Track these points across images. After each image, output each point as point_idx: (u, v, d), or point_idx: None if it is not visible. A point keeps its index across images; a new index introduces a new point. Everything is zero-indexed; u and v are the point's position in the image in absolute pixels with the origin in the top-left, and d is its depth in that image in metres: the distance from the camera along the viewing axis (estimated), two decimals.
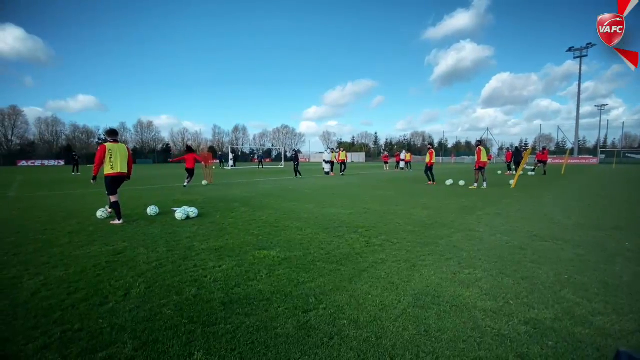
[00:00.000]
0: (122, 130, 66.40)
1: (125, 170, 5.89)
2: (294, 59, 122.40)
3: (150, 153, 64.73)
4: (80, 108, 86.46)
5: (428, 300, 2.62)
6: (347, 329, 2.19)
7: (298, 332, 2.15)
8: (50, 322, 2.30)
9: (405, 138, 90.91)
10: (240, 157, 61.96)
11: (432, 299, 2.63)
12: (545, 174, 18.11)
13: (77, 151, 34.97)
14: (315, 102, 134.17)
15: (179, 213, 5.89)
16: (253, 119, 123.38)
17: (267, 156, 72.78)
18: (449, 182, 12.68)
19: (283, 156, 44.18)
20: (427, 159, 13.08)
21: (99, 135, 62.49)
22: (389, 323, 2.27)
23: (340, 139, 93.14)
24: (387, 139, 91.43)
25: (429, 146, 13.82)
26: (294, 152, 20.63)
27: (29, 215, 6.46)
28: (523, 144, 79.02)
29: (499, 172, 19.34)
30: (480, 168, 11.53)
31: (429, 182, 12.84)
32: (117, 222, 5.68)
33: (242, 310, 2.45)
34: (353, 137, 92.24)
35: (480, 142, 12.05)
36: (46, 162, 49.23)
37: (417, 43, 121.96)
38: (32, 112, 74.00)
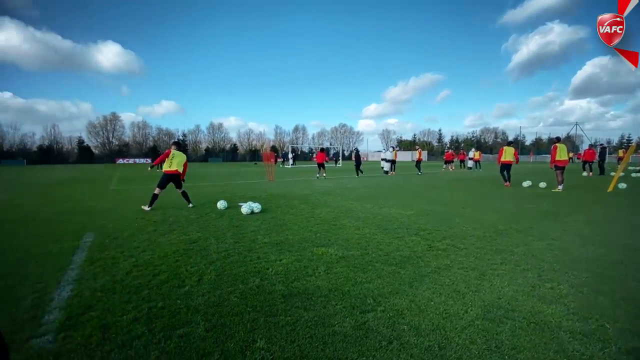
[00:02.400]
0: (197, 131, 73.55)
1: (180, 169, 7.02)
2: (354, 56, 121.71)
3: (220, 152, 70.61)
4: (164, 112, 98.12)
5: (500, 313, 2.38)
6: (407, 335, 2.10)
7: (355, 332, 2.13)
8: (139, 298, 2.65)
9: (474, 135, 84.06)
10: (300, 156, 63.89)
11: (505, 313, 2.38)
12: None
13: (161, 151, 39.74)
14: (375, 100, 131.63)
15: (245, 208, 6.30)
16: (312, 118, 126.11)
17: (326, 155, 73.73)
18: (526, 183, 11.35)
19: (341, 155, 44.33)
20: (510, 158, 11.73)
21: (178, 136, 70.16)
22: (454, 334, 2.11)
23: (401, 137, 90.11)
24: (452, 136, 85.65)
25: (511, 144, 12.24)
26: (355, 151, 20.53)
27: (125, 206, 7.54)
28: (625, 140, 67.20)
29: (584, 173, 16.69)
30: (558, 167, 10.08)
31: (505, 184, 11.62)
32: (145, 207, 6.82)
33: (301, 304, 2.52)
34: (414, 135, 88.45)
35: (558, 139, 10.44)
36: (137, 160, 57.01)
37: (492, 29, 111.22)
38: (127, 117, 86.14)
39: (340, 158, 41.48)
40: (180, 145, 7.34)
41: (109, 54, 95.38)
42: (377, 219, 5.70)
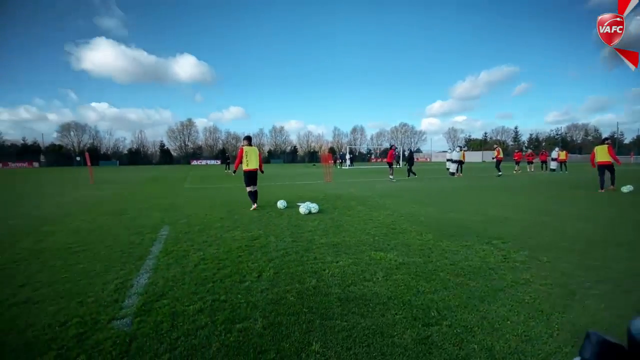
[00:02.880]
0: (260, 135, 77.97)
1: (256, 167, 7.19)
2: (417, 52, 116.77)
3: (281, 154, 73.77)
4: (232, 117, 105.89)
5: None
6: (478, 356, 1.85)
7: (417, 346, 1.95)
8: (205, 290, 2.82)
9: (559, 132, 73.96)
10: (357, 157, 63.37)
11: None
12: None
13: (229, 153, 43.04)
14: (441, 96, 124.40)
15: (303, 208, 6.40)
16: (371, 119, 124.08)
17: (384, 155, 72.00)
18: (626, 188, 9.52)
19: (401, 155, 42.86)
20: (604, 158, 9.85)
21: (246, 135, 75.25)
22: None
23: (469, 136, 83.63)
24: (531, 134, 76.60)
25: (606, 141, 10.04)
26: (409, 151, 19.84)
27: (196, 203, 8.26)
28: None
29: None
30: None
31: (610, 187, 9.91)
32: (253, 206, 7.03)
33: (358, 310, 2.41)
34: (485, 133, 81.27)
35: None
36: (209, 162, 62.68)
37: (581, 10, 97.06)
38: (200, 123, 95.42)
39: (400, 159, 40.08)
40: (251, 139, 7.32)
41: (185, 66, 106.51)
42: (441, 225, 5.29)
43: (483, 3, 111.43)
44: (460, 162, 17.95)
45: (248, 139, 7.32)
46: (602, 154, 9.88)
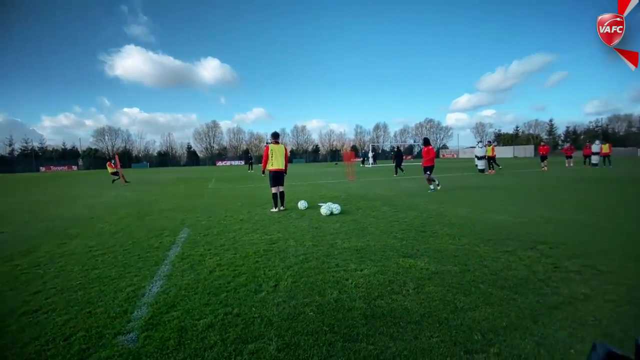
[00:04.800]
0: (283, 134, 78.64)
1: (282, 167, 6.83)
2: (441, 45, 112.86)
3: (303, 153, 73.98)
4: (254, 118, 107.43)
5: None
6: None
7: None
8: (217, 301, 2.60)
9: (599, 124, 68.60)
10: (380, 155, 62.15)
11: None
12: None
13: (252, 153, 43.60)
14: (468, 90, 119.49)
15: (324, 209, 6.12)
16: (394, 115, 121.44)
17: (409, 153, 70.28)
18: None
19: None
20: None
21: (267, 139, 76.25)
22: None
23: (499, 130, 79.74)
24: (568, 127, 71.65)
25: None
26: (397, 149, 19.87)
27: (218, 204, 8.21)
28: None
29: None
30: None
31: None
32: (273, 209, 6.70)
33: (386, 329, 2.09)
34: (517, 127, 77.08)
35: None
36: (233, 162, 63.94)
37: None
38: (224, 125, 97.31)
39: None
40: (278, 136, 6.93)
41: (209, 69, 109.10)
42: (477, 227, 4.82)
43: None
44: (489, 158, 16.97)
45: (275, 136, 6.92)
46: None
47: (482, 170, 16.62)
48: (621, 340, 1.93)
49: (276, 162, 6.76)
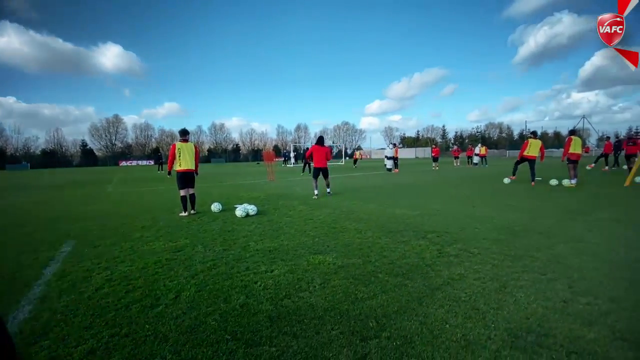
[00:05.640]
0: (199, 132, 73.43)
1: (191, 167, 6.34)
2: (356, 53, 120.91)
3: (223, 152, 70.39)
4: (166, 114, 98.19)
5: (531, 339, 1.95)
6: None
7: None
8: (102, 322, 2.26)
9: (479, 130, 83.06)
10: (301, 155, 63.18)
11: (537, 339, 1.95)
12: None
13: (162, 152, 39.56)
14: (378, 96, 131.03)
15: (239, 211, 5.91)
16: (315, 117, 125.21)
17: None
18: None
19: (343, 153, 43.94)
20: (531, 152, 10.17)
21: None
22: None
23: (404, 134, 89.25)
24: (456, 132, 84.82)
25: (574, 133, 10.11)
26: (305, 149, 21.12)
27: (116, 209, 7.19)
28: (634, 131, 65.89)
29: (588, 167, 16.44)
30: (571, 161, 9.57)
31: (512, 177, 11.12)
32: (183, 214, 6.19)
33: (290, 329, 2.11)
34: (418, 132, 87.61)
35: (573, 132, 10.04)
36: (140, 162, 56.94)
37: (499, 21, 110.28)
38: (130, 120, 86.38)
39: (344, 156, 41.01)
40: (187, 133, 6.40)
41: (109, 56, 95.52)
42: (381, 221, 5.27)
43: (413, 9, 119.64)
44: (395, 159, 18.86)
45: (183, 133, 6.38)
46: (534, 148, 10.15)
47: (389, 169, 18.34)
48: (484, 313, 2.32)
49: (184, 162, 6.24)
